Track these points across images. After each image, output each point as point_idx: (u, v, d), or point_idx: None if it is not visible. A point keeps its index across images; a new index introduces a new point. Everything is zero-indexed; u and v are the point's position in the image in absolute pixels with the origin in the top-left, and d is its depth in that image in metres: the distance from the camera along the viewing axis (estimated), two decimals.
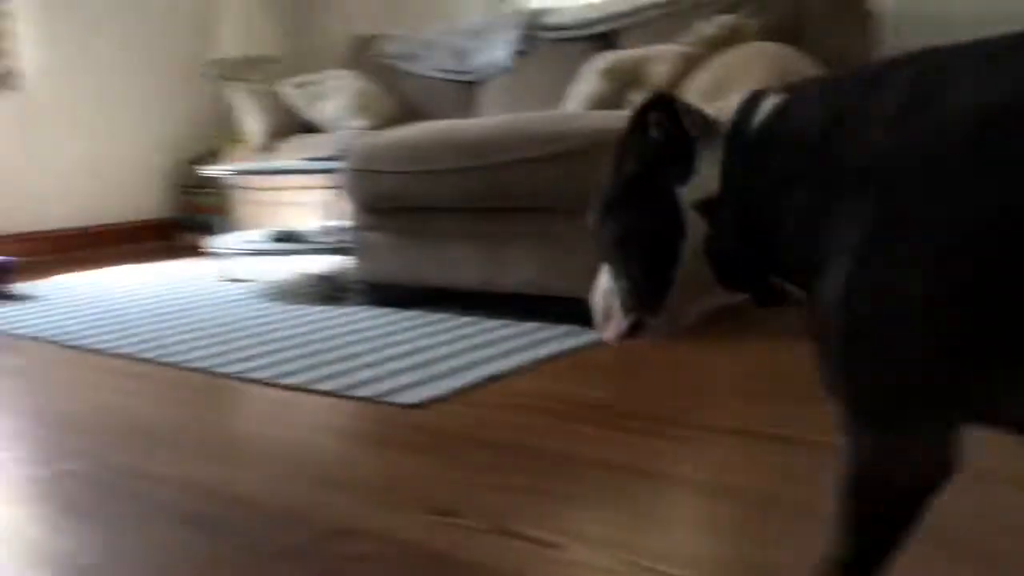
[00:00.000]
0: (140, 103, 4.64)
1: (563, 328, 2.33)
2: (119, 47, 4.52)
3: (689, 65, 2.94)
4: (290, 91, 4.32)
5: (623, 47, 3.61)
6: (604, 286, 0.93)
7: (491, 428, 1.64)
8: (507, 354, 2.10)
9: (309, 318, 2.66)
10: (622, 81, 3.08)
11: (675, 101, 0.80)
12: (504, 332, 2.33)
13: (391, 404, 1.78)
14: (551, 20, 3.90)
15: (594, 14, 3.74)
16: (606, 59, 3.22)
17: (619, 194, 0.83)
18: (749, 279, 0.82)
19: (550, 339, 2.23)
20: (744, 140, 0.76)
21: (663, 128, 0.79)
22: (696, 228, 0.81)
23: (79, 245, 4.44)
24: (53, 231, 4.34)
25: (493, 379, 1.92)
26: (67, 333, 2.58)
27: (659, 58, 3.00)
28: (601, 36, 3.74)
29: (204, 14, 4.83)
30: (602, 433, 1.58)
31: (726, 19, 3.07)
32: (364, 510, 1.31)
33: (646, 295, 0.87)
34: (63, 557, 1.20)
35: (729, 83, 2.68)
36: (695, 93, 2.74)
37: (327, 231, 3.38)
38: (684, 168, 0.79)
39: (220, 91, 4.69)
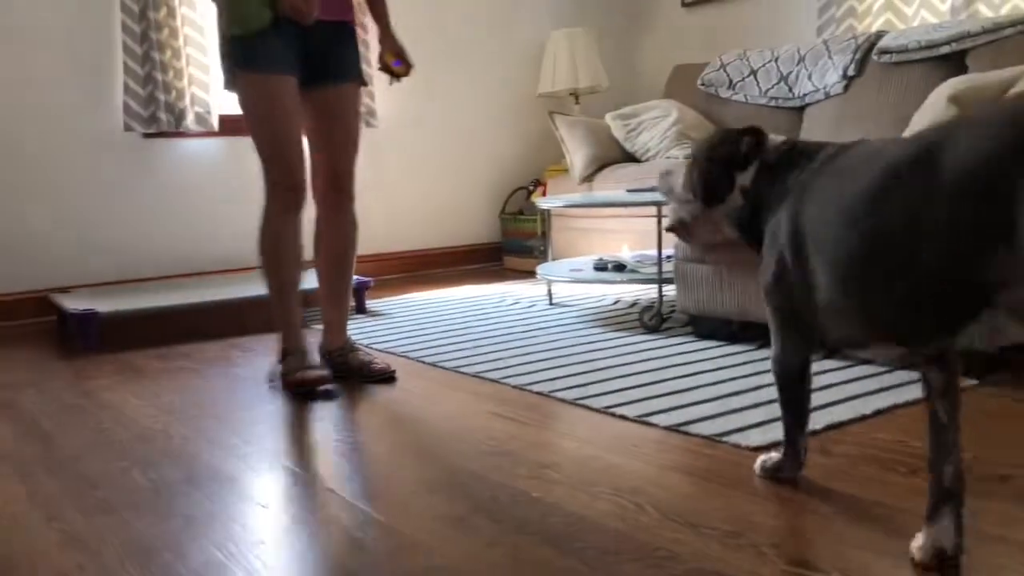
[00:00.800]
0: (474, 137, 5.01)
1: (913, 373, 2.19)
2: (457, 86, 4.92)
3: None
4: (612, 122, 4.45)
5: (971, 70, 3.34)
6: (678, 186, 1.64)
7: (845, 479, 1.58)
8: (851, 399, 2.02)
9: (633, 347, 2.72)
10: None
11: (761, 131, 1.51)
12: (843, 375, 2.23)
13: (733, 445, 1.78)
14: (890, 42, 3.68)
15: (939, 34, 3.49)
16: (956, 83, 2.99)
17: (713, 163, 1.55)
18: (752, 236, 1.52)
19: (899, 385, 2.11)
20: (760, 164, 1.49)
21: (750, 146, 1.50)
22: (735, 199, 1.53)
23: (420, 266, 4.88)
24: (398, 253, 4.81)
25: (838, 425, 1.85)
26: (417, 349, 2.85)
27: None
28: (945, 58, 3.48)
29: (535, 51, 5.12)
30: (969, 500, 1.46)
31: None
32: (717, 552, 1.32)
33: (700, 203, 1.59)
34: (438, 570, 1.33)
35: None
36: None
37: (647, 261, 3.44)
38: (744, 166, 1.51)
39: (547, 123, 4.93)
